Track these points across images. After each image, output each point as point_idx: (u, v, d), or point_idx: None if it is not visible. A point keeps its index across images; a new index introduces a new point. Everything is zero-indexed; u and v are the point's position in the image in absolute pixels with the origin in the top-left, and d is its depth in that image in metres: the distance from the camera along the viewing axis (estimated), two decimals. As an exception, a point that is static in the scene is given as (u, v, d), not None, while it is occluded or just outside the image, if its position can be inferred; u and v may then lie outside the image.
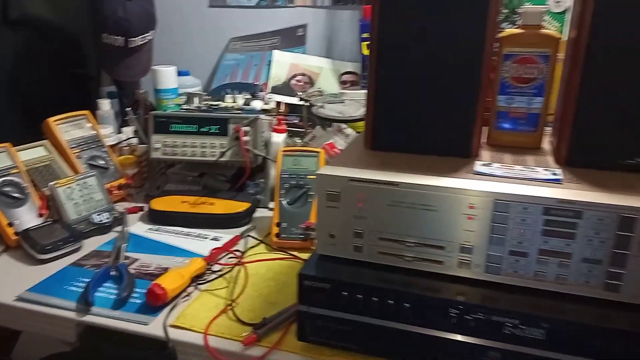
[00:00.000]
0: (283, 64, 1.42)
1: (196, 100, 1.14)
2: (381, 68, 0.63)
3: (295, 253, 0.83)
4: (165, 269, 0.78)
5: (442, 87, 0.62)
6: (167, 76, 1.26)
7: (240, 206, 0.96)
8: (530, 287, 0.54)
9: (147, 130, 1.08)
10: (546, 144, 0.70)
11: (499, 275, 0.55)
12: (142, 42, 1.33)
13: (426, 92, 0.62)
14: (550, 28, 0.98)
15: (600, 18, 0.55)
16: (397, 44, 0.62)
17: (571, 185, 0.54)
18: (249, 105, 1.15)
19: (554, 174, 0.57)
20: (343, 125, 1.11)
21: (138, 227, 0.95)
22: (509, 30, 0.65)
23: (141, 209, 1.02)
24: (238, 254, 0.84)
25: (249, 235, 0.91)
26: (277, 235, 0.86)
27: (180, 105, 1.20)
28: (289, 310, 0.65)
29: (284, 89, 1.39)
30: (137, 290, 0.73)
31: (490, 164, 0.61)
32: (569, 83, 0.59)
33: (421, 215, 0.56)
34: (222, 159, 1.00)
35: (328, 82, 1.37)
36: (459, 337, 0.55)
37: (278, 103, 1.21)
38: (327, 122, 1.18)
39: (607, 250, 0.51)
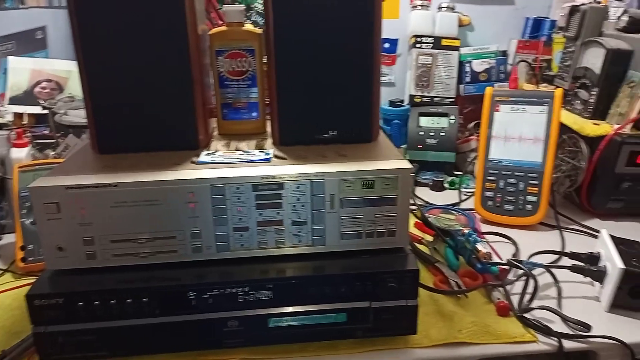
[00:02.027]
0: (22, 70, 1.28)
1: None
2: (89, 66, 0.62)
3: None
4: None
5: (156, 84, 0.64)
6: None
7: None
8: (256, 256, 0.61)
9: None
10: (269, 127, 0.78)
11: (228, 251, 0.60)
12: None
13: (141, 91, 0.64)
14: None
15: (280, 12, 0.63)
16: (101, 41, 0.61)
17: (277, 162, 0.62)
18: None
19: (266, 154, 0.65)
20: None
21: None
22: (216, 29, 0.71)
23: None
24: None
25: (-10, 266, 0.81)
26: (23, 259, 0.79)
27: None
28: (29, 336, 0.61)
29: (27, 98, 1.26)
30: None
31: (214, 152, 0.66)
32: (270, 72, 0.67)
33: (147, 210, 0.58)
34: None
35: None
36: (201, 316, 0.59)
37: (18, 114, 1.10)
38: (82, 129, 1.11)
39: (308, 212, 0.60)
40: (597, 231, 0.90)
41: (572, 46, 1.09)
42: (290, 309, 0.60)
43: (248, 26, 0.72)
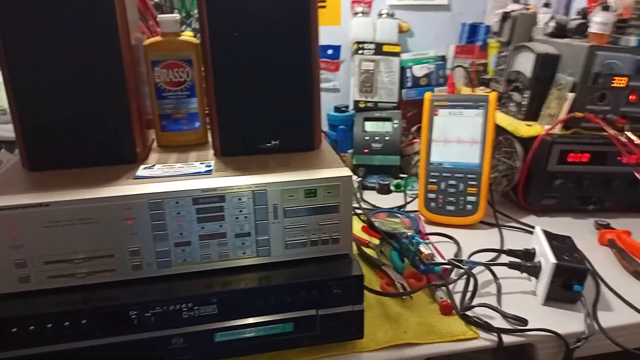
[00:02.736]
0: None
1: None
2: (14, 77, 0.59)
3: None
4: None
5: (88, 96, 0.62)
6: None
7: None
8: (200, 270, 0.60)
9: None
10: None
11: (170, 267, 0.59)
12: None
13: (73, 103, 0.61)
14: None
15: (214, 21, 0.62)
16: (27, 51, 0.59)
17: (218, 174, 0.61)
18: None
19: (207, 166, 0.64)
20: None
21: None
22: (151, 39, 0.70)
23: None
24: None
25: None
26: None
27: None
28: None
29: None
30: None
31: (153, 166, 0.65)
32: (208, 82, 0.66)
33: (82, 229, 0.56)
34: None
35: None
36: (143, 336, 0.57)
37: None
38: (15, 144, 1.06)
39: (252, 223, 0.60)
40: (533, 227, 0.94)
41: (505, 51, 1.14)
42: (237, 322, 0.59)
43: (186, 34, 0.71)
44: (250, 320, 0.60)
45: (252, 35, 0.63)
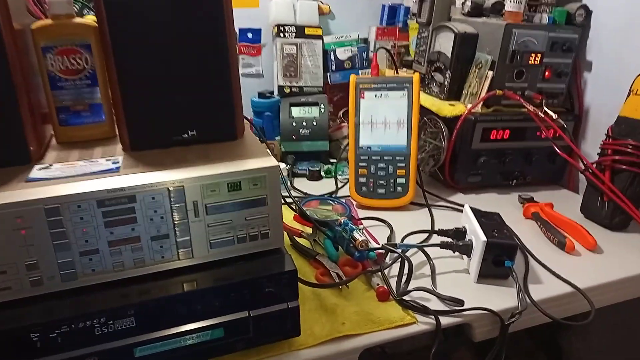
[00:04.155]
0: None
1: None
2: None
3: None
4: None
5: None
6: None
7: None
8: (113, 280, 0.54)
9: None
10: (120, 131, 0.70)
11: (77, 280, 0.52)
12: None
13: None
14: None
15: (111, 4, 0.55)
16: None
17: (127, 171, 0.55)
18: None
19: (115, 163, 0.57)
20: None
21: None
22: (39, 22, 0.61)
23: None
24: None
25: None
26: None
27: None
28: None
29: None
30: None
31: (50, 166, 0.57)
32: (109, 69, 0.59)
33: (-37, 245, 0.47)
34: None
35: None
36: (50, 359, 0.50)
37: None
38: None
39: (169, 224, 0.54)
40: (462, 205, 0.95)
41: (425, 31, 1.14)
42: (159, 333, 0.54)
43: (89, 18, 0.63)
44: (175, 330, 0.54)
45: (157, 15, 0.57)
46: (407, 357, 0.77)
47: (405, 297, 0.67)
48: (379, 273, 0.72)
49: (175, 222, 0.54)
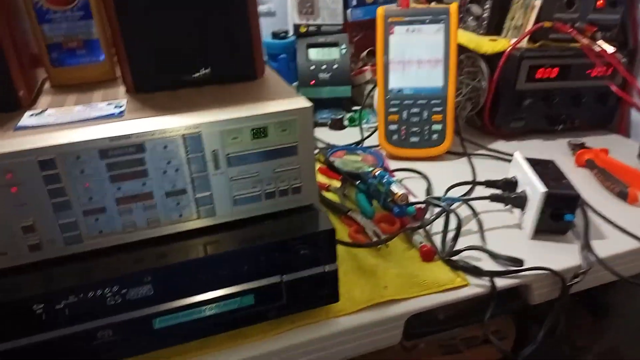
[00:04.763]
0: None
1: None
2: None
3: None
4: None
5: None
6: None
7: None
8: (125, 242, 0.46)
9: None
10: (123, 72, 0.60)
11: (82, 243, 0.45)
12: None
13: None
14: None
15: None
16: None
17: (133, 116, 0.46)
18: None
19: (117, 107, 0.48)
20: None
21: None
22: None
23: None
24: None
25: None
26: None
27: None
28: None
29: None
30: None
31: (42, 112, 0.48)
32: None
33: (-57, 206, 0.40)
34: None
35: None
36: (57, 334, 0.44)
37: None
38: None
39: (187, 177, 0.46)
40: (505, 154, 0.86)
41: (460, -42, 1.01)
42: (181, 301, 0.47)
43: None
44: (200, 298, 0.47)
45: None
46: (459, 322, 0.71)
47: (453, 257, 0.60)
48: (421, 230, 0.65)
49: (193, 176, 0.46)
